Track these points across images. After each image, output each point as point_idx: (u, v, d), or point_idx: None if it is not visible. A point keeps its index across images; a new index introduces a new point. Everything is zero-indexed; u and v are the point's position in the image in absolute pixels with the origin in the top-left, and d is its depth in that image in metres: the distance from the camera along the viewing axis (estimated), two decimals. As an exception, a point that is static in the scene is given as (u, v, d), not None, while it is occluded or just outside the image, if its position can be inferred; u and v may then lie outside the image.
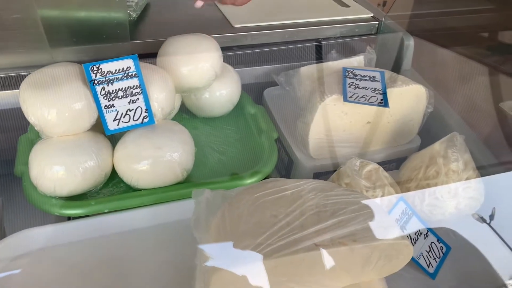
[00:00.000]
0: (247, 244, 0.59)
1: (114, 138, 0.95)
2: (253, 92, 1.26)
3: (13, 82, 1.11)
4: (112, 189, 0.94)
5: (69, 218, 0.91)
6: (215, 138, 1.11)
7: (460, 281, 0.88)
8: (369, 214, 0.66)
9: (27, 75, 0.91)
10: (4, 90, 1.11)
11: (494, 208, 1.00)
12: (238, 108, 1.18)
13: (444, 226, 0.97)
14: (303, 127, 1.06)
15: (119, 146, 0.91)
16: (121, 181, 0.94)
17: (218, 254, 0.60)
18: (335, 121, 1.04)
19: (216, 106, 1.12)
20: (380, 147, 1.11)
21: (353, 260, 0.63)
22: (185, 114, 1.15)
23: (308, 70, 1.17)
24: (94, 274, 0.82)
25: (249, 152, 1.06)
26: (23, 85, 0.86)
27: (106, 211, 0.87)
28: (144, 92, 0.88)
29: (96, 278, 0.81)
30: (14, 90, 1.11)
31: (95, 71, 0.84)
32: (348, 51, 1.28)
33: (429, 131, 1.14)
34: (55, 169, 0.85)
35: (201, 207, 0.69)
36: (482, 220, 1.01)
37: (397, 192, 0.96)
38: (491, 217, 1.00)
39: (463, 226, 0.99)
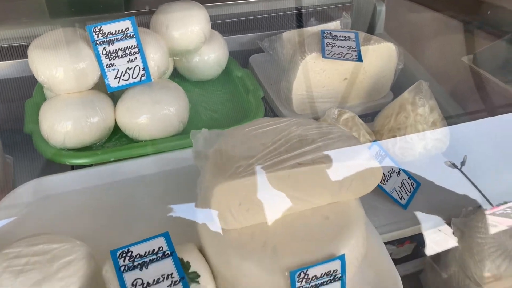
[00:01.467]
0: (240, 165, 0.70)
1: (114, 97, 1.05)
2: (239, 59, 1.36)
3: (15, 53, 1.19)
4: (115, 142, 1.03)
5: (72, 168, 0.99)
6: (206, 98, 1.20)
7: (429, 210, 1.00)
8: (345, 141, 0.77)
9: (29, 45, 0.99)
10: (7, 60, 1.19)
11: (465, 155, 1.11)
12: (226, 72, 1.27)
13: (414, 165, 1.08)
14: (287, 85, 1.17)
15: (120, 102, 1.00)
16: (123, 136, 1.04)
17: (216, 174, 0.70)
18: (315, 77, 1.14)
19: (206, 69, 1.21)
20: (356, 102, 1.22)
21: (331, 178, 0.74)
22: (177, 78, 1.24)
23: (290, 35, 1.28)
24: (100, 218, 0.91)
25: (238, 109, 1.16)
26: (31, 47, 0.95)
27: (111, 160, 0.97)
28: (141, 52, 0.98)
29: (102, 221, 0.90)
30: (16, 60, 1.19)
31: (97, 32, 0.93)
32: (325, 18, 1.38)
33: (401, 86, 1.25)
34: (64, 123, 0.94)
35: (199, 142, 0.79)
36: (454, 166, 1.13)
37: (372, 139, 1.08)
38: (462, 163, 1.12)
39: (431, 165, 1.11)
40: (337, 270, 0.72)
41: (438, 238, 1.00)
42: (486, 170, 1.13)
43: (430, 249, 1.04)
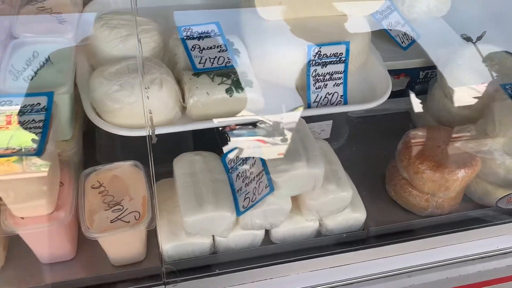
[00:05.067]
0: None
1: None
2: None
3: None
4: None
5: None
6: None
7: (423, 53, 1.22)
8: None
9: None
10: None
11: (485, 31, 1.29)
12: None
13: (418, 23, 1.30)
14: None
15: None
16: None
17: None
18: None
19: None
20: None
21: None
22: None
23: None
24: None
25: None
26: None
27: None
28: None
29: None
30: None
31: None
32: None
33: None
34: None
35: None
36: (469, 39, 1.31)
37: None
38: (479, 38, 1.29)
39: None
40: (342, 53, 0.97)
41: (429, 73, 1.24)
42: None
43: (421, 86, 1.28)
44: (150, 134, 0.75)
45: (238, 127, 0.92)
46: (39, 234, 0.81)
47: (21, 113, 0.75)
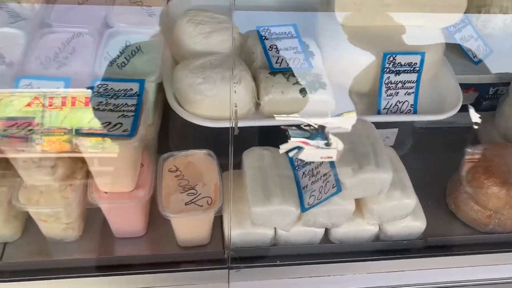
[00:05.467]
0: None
1: None
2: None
3: None
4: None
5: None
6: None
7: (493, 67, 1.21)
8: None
9: None
10: None
11: None
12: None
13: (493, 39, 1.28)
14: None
15: None
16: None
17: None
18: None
19: None
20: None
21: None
22: None
23: None
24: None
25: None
26: None
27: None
28: None
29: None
30: None
31: None
32: None
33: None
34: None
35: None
36: None
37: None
38: None
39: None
40: (417, 63, 0.98)
41: (499, 90, 1.22)
42: None
43: (489, 102, 1.26)
44: (234, 126, 0.80)
45: (308, 126, 0.95)
46: (119, 209, 0.88)
47: (115, 96, 0.81)
